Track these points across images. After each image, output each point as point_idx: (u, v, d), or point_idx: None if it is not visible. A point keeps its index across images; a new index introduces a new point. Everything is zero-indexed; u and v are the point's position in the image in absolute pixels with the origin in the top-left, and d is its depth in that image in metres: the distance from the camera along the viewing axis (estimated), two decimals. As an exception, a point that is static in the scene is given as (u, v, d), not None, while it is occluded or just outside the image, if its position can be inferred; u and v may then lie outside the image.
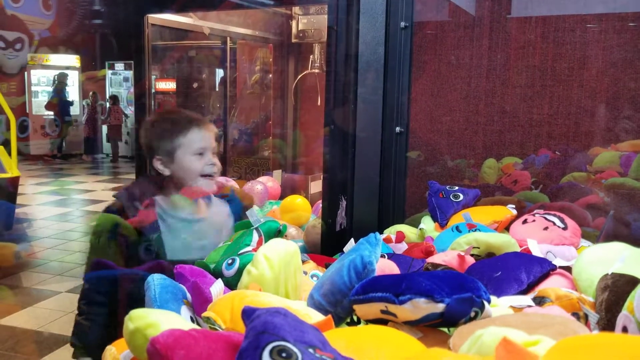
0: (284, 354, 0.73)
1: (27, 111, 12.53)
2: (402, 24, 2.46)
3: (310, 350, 0.77)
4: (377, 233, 1.45)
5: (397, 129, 2.56)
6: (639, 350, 0.63)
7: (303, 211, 3.92)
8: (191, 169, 2.16)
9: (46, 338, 3.88)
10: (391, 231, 2.43)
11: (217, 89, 5.95)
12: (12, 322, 4.08)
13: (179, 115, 2.27)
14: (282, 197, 4.47)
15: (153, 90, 5.50)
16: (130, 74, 13.42)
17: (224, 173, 5.09)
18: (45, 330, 3.98)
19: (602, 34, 2.79)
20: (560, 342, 0.69)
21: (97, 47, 13.77)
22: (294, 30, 4.63)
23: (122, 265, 1.90)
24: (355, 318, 1.33)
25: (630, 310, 1.14)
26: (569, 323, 1.09)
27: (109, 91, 13.67)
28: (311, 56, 4.60)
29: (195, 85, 5.75)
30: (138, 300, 1.45)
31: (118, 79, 13.72)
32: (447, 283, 1.17)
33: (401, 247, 2.23)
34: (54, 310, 4.37)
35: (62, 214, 7.74)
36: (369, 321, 1.22)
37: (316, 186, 4.70)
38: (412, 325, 1.17)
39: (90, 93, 13.25)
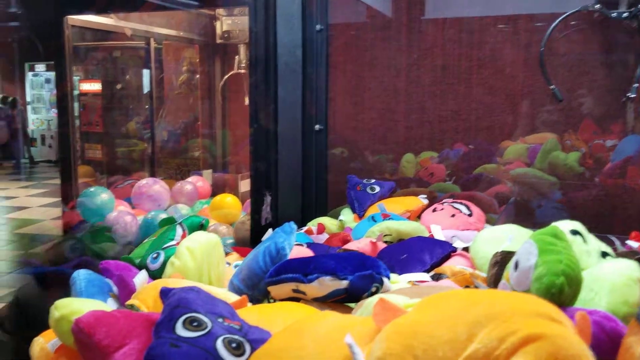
0: (195, 323, 0.84)
1: (-60, 115, 11.85)
2: (318, 26, 2.60)
3: (220, 319, 0.88)
4: (292, 222, 1.58)
5: (317, 126, 2.70)
6: (477, 298, 0.78)
7: (233, 209, 4.00)
8: None
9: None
10: (313, 223, 2.57)
11: (143, 90, 5.90)
12: None
13: None
14: (212, 197, 4.52)
15: (77, 92, 5.40)
16: (52, 75, 12.92)
17: (152, 174, 5.08)
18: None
19: (512, 34, 3.03)
20: (425, 298, 0.83)
21: (14, 50, 13.17)
22: (218, 31, 4.68)
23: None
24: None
25: (507, 278, 1.33)
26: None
27: (29, 94, 13.12)
28: (237, 57, 4.67)
29: (120, 86, 5.68)
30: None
31: (39, 81, 13.19)
32: (350, 262, 1.32)
33: (322, 238, 2.37)
34: (-23, 320, 4.22)
35: (-17, 222, 7.42)
36: (282, 300, 1.34)
37: (246, 185, 4.77)
38: (320, 301, 1.31)
39: (10, 98, 12.67)
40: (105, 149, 5.35)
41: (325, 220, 2.59)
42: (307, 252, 1.74)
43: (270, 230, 1.81)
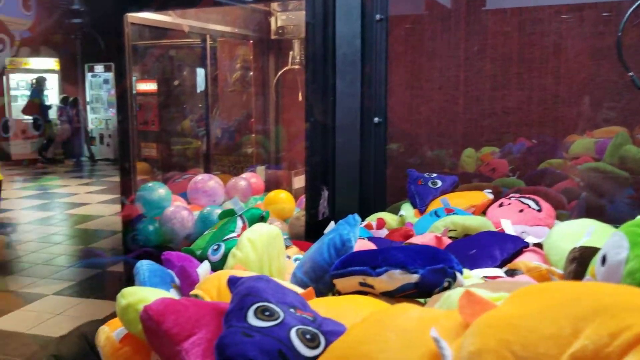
0: (267, 313, 0.79)
1: (8, 116, 12.42)
2: (378, 16, 2.53)
3: (292, 310, 0.83)
4: (356, 214, 1.52)
5: (376, 119, 2.64)
6: (580, 291, 0.70)
7: (287, 204, 3.99)
8: None
9: (35, 340, 3.89)
10: (372, 219, 2.50)
11: (198, 88, 5.98)
12: (0, 325, 4.08)
13: None
14: (265, 193, 4.52)
15: (134, 92, 5.52)
16: (110, 75, 13.35)
17: (207, 171, 5.13)
18: (34, 332, 3.98)
19: (577, 23, 2.89)
20: (517, 291, 0.76)
21: (76, 49, 13.66)
22: (273, 26, 4.68)
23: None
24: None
25: (592, 274, 1.23)
26: (535, 287, 1.16)
27: (89, 94, 13.58)
28: (291, 52, 4.65)
29: (175, 83, 5.78)
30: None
31: (98, 82, 13.65)
32: (421, 256, 1.25)
33: (382, 233, 2.30)
34: (41, 312, 4.37)
35: (47, 217, 7.71)
36: (348, 294, 1.29)
37: (299, 181, 4.76)
38: (389, 296, 1.24)
39: (71, 99, 13.14)
40: (160, 147, 5.45)
41: (385, 216, 2.52)
42: (371, 246, 1.68)
43: (332, 223, 1.76)
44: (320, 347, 0.81)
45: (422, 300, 1.30)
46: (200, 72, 5.63)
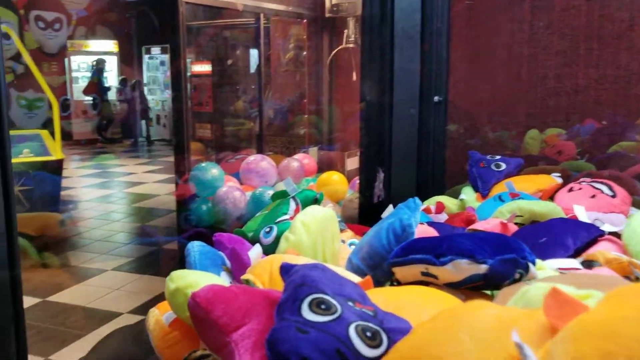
0: (323, 306, 0.72)
1: (69, 96, 12.82)
2: (439, -12, 2.38)
3: (350, 303, 0.75)
4: (417, 198, 1.42)
5: (436, 98, 2.50)
6: None
7: (340, 186, 3.91)
8: None
9: (94, 314, 3.99)
10: (431, 202, 2.39)
11: (251, 69, 5.96)
12: (61, 299, 4.21)
13: None
14: (318, 174, 4.46)
15: (189, 74, 5.55)
16: (166, 57, 13.56)
17: (259, 151, 5.11)
18: (93, 306, 4.09)
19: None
20: (613, 291, 0.65)
21: (132, 30, 13.91)
22: (327, 4, 4.56)
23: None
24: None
25: (687, 270, 1.09)
26: (621, 283, 1.04)
27: (145, 76, 13.85)
28: (345, 31, 4.53)
29: (230, 62, 5.76)
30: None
31: (154, 63, 13.89)
32: (490, 244, 1.14)
33: (441, 218, 2.19)
34: (101, 287, 4.48)
35: (105, 195, 7.93)
36: (408, 284, 1.19)
37: (352, 163, 4.67)
38: (452, 287, 1.14)
39: (133, 81, 13.43)
40: (214, 128, 5.48)
41: (444, 199, 2.40)
42: (432, 232, 1.58)
43: (390, 207, 1.66)
44: (383, 346, 0.73)
45: (488, 292, 1.20)
46: (254, 53, 5.59)
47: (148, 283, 4.52)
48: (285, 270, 0.85)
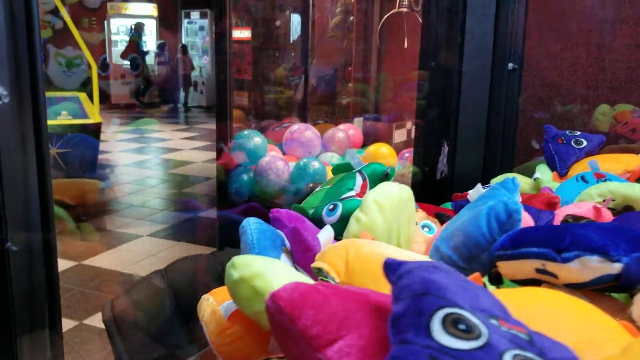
0: (461, 326, 0.52)
1: (108, 61, 12.77)
2: (523, -61, 2.11)
3: (493, 321, 0.55)
4: (516, 177, 1.20)
5: (510, 65, 2.24)
6: None
7: (389, 159, 3.69)
8: None
9: (129, 279, 3.94)
10: (499, 180, 2.15)
11: (294, 35, 5.71)
12: (97, 263, 4.16)
13: None
14: (364, 146, 4.24)
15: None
16: (205, 22, 13.36)
17: (303, 120, 4.91)
18: (129, 271, 4.04)
19: None
20: None
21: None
22: (381, -36, 4.27)
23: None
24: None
25: None
26: None
27: (184, 41, 13.69)
28: (399, -6, 4.24)
29: (271, 29, 5.52)
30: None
31: (194, 28, 13.70)
32: (623, 238, 0.92)
33: (513, 199, 1.96)
34: (136, 252, 4.42)
35: (142, 161, 7.88)
36: (517, 282, 0.99)
37: (400, 135, 4.42)
38: (574, 288, 0.93)
39: (180, 45, 13.28)
40: (252, 96, 5.30)
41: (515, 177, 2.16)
42: (524, 216, 1.36)
43: (479, 186, 1.44)
44: (546, 385, 0.53)
45: (615, 295, 0.98)
46: (296, 18, 5.34)
47: (184, 250, 4.44)
48: (392, 268, 0.65)
